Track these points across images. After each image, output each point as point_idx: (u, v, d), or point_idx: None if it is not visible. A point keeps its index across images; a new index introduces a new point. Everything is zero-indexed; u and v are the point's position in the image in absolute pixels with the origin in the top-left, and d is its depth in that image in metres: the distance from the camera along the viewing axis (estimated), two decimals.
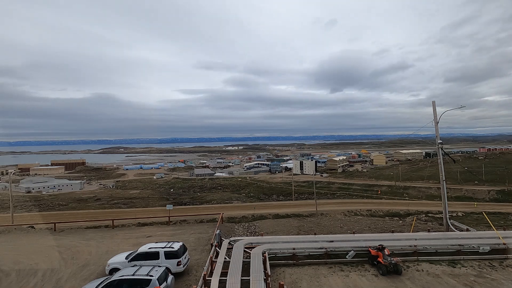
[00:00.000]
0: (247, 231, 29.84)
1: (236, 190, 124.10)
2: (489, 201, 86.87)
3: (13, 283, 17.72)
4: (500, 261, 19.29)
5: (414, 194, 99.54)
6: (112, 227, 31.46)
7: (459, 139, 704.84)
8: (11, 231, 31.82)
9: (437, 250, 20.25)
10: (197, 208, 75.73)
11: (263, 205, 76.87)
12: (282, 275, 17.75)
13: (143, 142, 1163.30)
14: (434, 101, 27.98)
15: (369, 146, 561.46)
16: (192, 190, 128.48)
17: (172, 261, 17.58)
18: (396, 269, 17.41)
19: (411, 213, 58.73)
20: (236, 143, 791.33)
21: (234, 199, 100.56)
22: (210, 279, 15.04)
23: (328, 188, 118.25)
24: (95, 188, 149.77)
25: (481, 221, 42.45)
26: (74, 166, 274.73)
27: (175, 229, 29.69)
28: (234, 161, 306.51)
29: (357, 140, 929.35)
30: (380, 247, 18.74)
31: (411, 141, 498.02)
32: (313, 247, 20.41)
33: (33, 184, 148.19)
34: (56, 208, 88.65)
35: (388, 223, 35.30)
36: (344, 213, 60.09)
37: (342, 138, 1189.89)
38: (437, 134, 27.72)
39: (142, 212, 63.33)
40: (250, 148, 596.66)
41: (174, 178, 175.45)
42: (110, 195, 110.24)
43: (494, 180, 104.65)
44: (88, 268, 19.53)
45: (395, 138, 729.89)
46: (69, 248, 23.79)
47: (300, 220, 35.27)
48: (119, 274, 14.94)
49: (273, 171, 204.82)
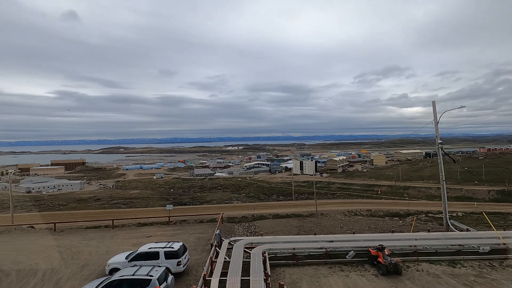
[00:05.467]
0: (247, 231, 29.86)
1: (236, 190, 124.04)
2: (489, 201, 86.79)
3: (13, 283, 17.71)
4: (500, 261, 19.29)
5: (414, 194, 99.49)
6: (112, 227, 31.45)
7: (459, 139, 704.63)
8: (11, 231, 31.81)
9: (437, 250, 20.26)
10: (197, 208, 75.66)
11: (263, 205, 76.79)
12: (282, 275, 17.75)
13: (143, 142, 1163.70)
14: (434, 101, 28.01)
15: (369, 146, 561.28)
16: (192, 190, 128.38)
17: (172, 261, 17.57)
18: (396, 269, 17.40)
19: (411, 213, 58.65)
20: (236, 143, 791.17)
21: (234, 199, 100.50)
22: (210, 279, 15.03)
23: (328, 188, 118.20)
24: (95, 188, 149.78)
25: (481, 221, 42.42)
26: (74, 166, 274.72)
27: (175, 229, 29.67)
28: (234, 161, 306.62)
29: (357, 140, 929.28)
30: (380, 247, 18.74)
31: (411, 141, 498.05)
32: (313, 247, 20.41)
33: (33, 184, 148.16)
34: (56, 208, 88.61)
35: (388, 223, 35.35)
36: (344, 213, 60.05)
37: (342, 138, 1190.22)
38: (437, 134, 27.73)
39: (142, 212, 63.31)
40: (250, 148, 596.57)
41: (174, 178, 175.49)
42: (110, 195, 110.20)
43: (494, 180, 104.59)
44: (88, 268, 19.52)
45: (395, 138, 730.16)
46: (69, 248, 23.78)
47: (300, 220, 35.31)
48: (119, 274, 14.93)
49: (273, 171, 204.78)
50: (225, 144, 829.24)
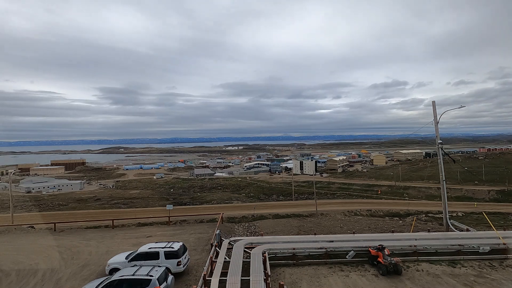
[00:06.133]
0: (247, 231, 29.86)
1: (236, 190, 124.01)
2: (489, 201, 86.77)
3: (13, 283, 17.71)
4: (500, 261, 19.28)
5: (414, 194, 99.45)
6: (112, 227, 31.45)
7: (459, 139, 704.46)
8: (11, 231, 31.80)
9: (437, 250, 20.25)
10: (197, 208, 75.65)
11: (263, 205, 76.76)
12: (282, 275, 17.74)
13: (143, 142, 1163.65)
14: (434, 101, 28.01)
15: (369, 146, 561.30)
16: (192, 190, 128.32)
17: (172, 261, 17.57)
18: (396, 269, 17.40)
19: (411, 213, 58.64)
20: (236, 143, 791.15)
21: (234, 199, 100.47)
22: (210, 279, 15.02)
23: (328, 188, 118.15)
24: (95, 188, 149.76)
25: (481, 221, 42.41)
26: (74, 166, 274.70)
27: (175, 229, 29.67)
28: (234, 161, 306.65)
29: (357, 140, 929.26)
30: (380, 247, 18.73)
31: (411, 141, 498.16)
32: (313, 247, 20.40)
33: (33, 184, 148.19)
34: (56, 208, 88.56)
35: (388, 223, 35.34)
36: (344, 213, 60.04)
37: (342, 138, 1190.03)
38: (437, 134, 27.72)
39: (142, 212, 63.31)
40: (250, 148, 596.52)
41: (174, 178, 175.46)
42: (110, 195, 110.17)
43: (494, 180, 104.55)
44: (88, 268, 19.51)
45: (395, 138, 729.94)
46: (69, 248, 23.77)
47: (300, 220, 35.31)
48: (119, 274, 14.92)
49: (273, 171, 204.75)
50: (225, 144, 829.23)
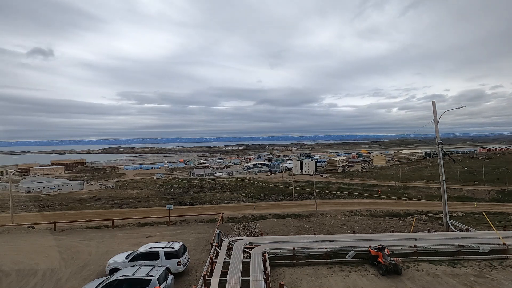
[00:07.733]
0: (247, 231, 29.84)
1: (236, 190, 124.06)
2: (489, 201, 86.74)
3: (13, 283, 17.71)
4: (500, 261, 19.28)
5: (414, 194, 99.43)
6: (112, 227, 31.45)
7: (459, 139, 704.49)
8: (11, 231, 31.80)
9: (437, 250, 20.25)
10: (197, 208, 75.59)
11: (263, 205, 76.72)
12: (282, 275, 17.74)
13: (143, 142, 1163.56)
14: (434, 101, 28.01)
15: (369, 146, 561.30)
16: (192, 190, 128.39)
17: (172, 261, 17.57)
18: (396, 269, 17.40)
19: (411, 213, 58.61)
20: (236, 143, 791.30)
21: (234, 199, 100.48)
22: (210, 279, 15.03)
23: (328, 188, 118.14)
24: (95, 188, 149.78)
25: (481, 221, 42.39)
26: (74, 166, 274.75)
27: (175, 229, 29.67)
28: (234, 161, 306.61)
29: (357, 140, 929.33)
30: (380, 247, 18.73)
31: (411, 141, 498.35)
32: (313, 247, 20.40)
33: (33, 184, 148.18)
34: (56, 208, 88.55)
35: (388, 223, 35.34)
36: (344, 213, 60.00)
37: (342, 138, 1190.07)
38: (437, 134, 27.73)
39: (142, 212, 63.24)
40: (250, 148, 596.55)
41: (174, 178, 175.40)
42: (110, 195, 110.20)
43: (494, 180, 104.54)
44: (88, 268, 19.51)
45: (395, 138, 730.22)
46: (69, 248, 23.77)
47: (300, 220, 35.30)
48: (119, 274, 14.93)
49: (273, 171, 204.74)
50: (225, 144, 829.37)
